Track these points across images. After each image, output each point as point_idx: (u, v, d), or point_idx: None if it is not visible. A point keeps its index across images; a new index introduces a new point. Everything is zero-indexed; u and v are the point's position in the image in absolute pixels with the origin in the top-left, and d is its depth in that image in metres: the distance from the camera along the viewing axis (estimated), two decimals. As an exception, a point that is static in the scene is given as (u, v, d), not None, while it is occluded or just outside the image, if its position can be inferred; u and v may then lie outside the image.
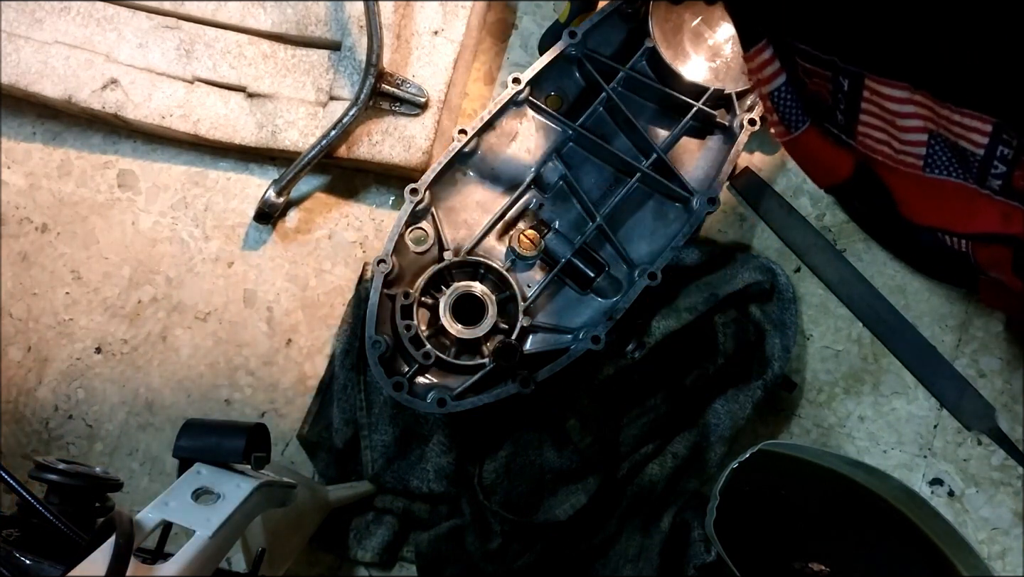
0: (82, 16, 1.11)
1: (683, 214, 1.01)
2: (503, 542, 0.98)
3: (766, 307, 1.04)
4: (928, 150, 0.73)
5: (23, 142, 1.17)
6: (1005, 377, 1.05)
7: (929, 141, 0.72)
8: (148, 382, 1.10)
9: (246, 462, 0.67)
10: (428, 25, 1.09)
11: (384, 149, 1.07)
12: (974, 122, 0.66)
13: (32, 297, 1.13)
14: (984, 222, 0.74)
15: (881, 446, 1.05)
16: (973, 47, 0.60)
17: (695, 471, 1.01)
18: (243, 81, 1.09)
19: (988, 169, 0.69)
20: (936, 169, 0.74)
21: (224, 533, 0.59)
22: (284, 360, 1.10)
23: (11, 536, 0.66)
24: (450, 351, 0.96)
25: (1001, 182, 0.69)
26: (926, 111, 0.69)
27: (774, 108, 0.84)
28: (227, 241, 1.13)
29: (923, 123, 0.71)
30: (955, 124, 0.67)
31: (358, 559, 1.02)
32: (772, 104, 0.84)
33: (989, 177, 0.70)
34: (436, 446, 1.01)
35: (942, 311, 1.07)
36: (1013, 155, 0.66)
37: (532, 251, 0.99)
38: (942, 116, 0.68)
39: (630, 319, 0.97)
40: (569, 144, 1.03)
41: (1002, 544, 1.02)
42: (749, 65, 0.82)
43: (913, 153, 0.74)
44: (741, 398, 1.00)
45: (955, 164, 0.72)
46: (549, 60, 1.00)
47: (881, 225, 1.06)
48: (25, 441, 1.10)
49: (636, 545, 0.98)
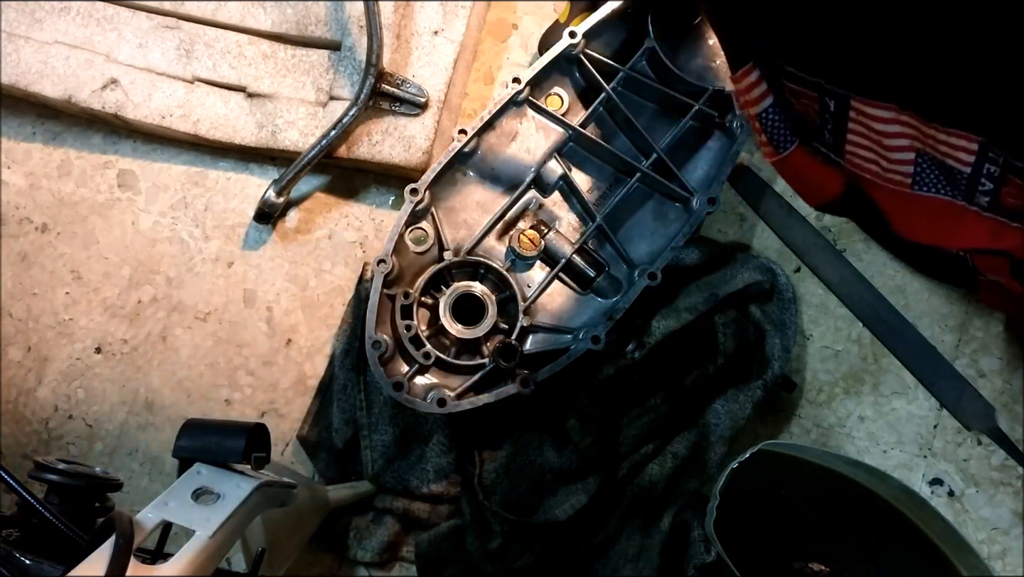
0: (82, 16, 1.11)
1: (683, 214, 1.01)
2: (503, 542, 0.98)
3: (766, 307, 1.04)
4: (916, 168, 0.73)
5: (23, 142, 1.17)
6: (1005, 377, 1.05)
7: (916, 160, 0.72)
8: (148, 382, 1.10)
9: (246, 462, 0.67)
10: (428, 25, 1.09)
11: (384, 149, 1.07)
12: (960, 141, 0.66)
13: (32, 297, 1.13)
14: (973, 238, 0.74)
15: (881, 446, 1.05)
16: (958, 68, 0.60)
17: (695, 471, 1.01)
18: (243, 81, 1.09)
19: (975, 186, 0.69)
20: (924, 187, 0.74)
21: (224, 533, 0.59)
22: (284, 360, 1.10)
23: (11, 536, 0.66)
24: (450, 351, 0.96)
25: (989, 199, 0.70)
26: (913, 131, 0.69)
27: (762, 129, 0.85)
28: (227, 241, 1.13)
29: (910, 142, 0.71)
30: (941, 143, 0.68)
31: (358, 559, 1.02)
32: (760, 125, 0.84)
33: (977, 194, 0.70)
34: (436, 446, 1.01)
35: (942, 311, 1.07)
36: (999, 172, 0.66)
37: (532, 251, 0.99)
38: (928, 135, 0.68)
39: (630, 319, 0.97)
40: (569, 144, 1.03)
41: (1002, 544, 1.02)
42: (736, 87, 0.82)
43: (901, 172, 0.75)
44: (741, 398, 1.00)
45: (943, 182, 0.73)
46: (549, 60, 1.00)
47: (879, 228, 1.06)
48: (25, 441, 1.10)
49: (636, 545, 0.98)
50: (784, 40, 0.73)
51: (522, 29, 1.18)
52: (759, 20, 0.73)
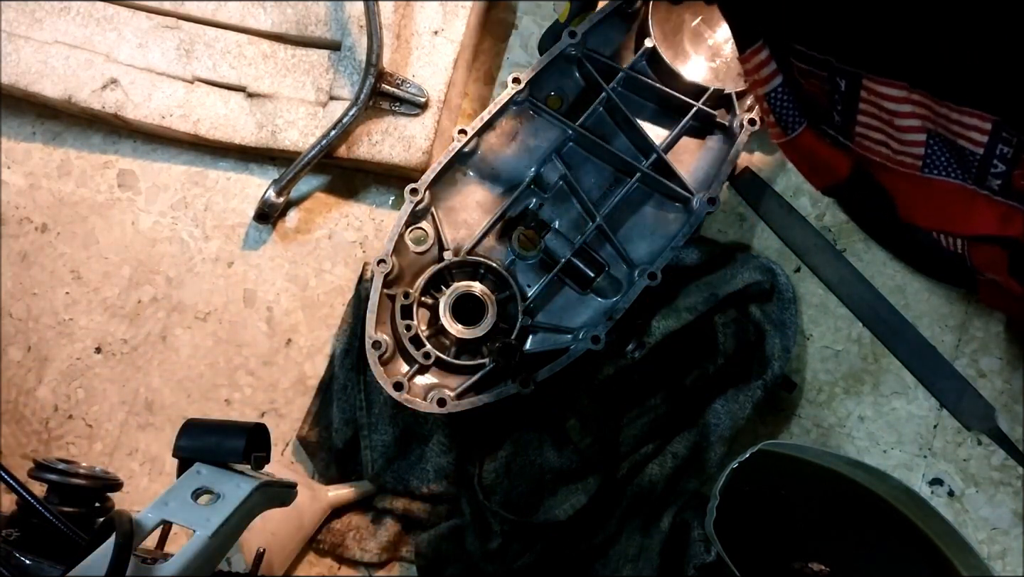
0: (82, 16, 1.11)
1: (683, 214, 1.01)
2: (503, 542, 0.98)
3: (766, 307, 1.04)
4: (927, 150, 0.72)
5: (23, 142, 1.17)
6: (1005, 377, 1.05)
7: (928, 141, 0.72)
8: (148, 382, 1.10)
9: (246, 462, 0.67)
10: (428, 25, 1.09)
11: (384, 149, 1.07)
12: (973, 120, 0.65)
13: (32, 297, 1.13)
14: (982, 224, 0.74)
15: (881, 446, 1.05)
16: (973, 45, 0.59)
17: (695, 471, 1.01)
18: (243, 81, 1.09)
19: (988, 168, 0.68)
20: (935, 169, 0.74)
21: (224, 533, 0.59)
22: (284, 360, 1.10)
23: (11, 536, 0.66)
24: (450, 351, 0.96)
25: (1001, 182, 0.69)
26: (924, 110, 0.69)
27: (771, 109, 0.84)
28: (227, 241, 1.13)
29: (921, 122, 0.70)
30: (954, 123, 0.67)
31: (358, 559, 1.02)
32: (768, 105, 0.84)
33: (989, 176, 0.69)
34: (436, 446, 1.01)
35: (942, 311, 1.07)
36: (1013, 154, 0.65)
37: (532, 251, 0.99)
38: (940, 115, 0.67)
39: (630, 319, 0.97)
40: (569, 144, 1.03)
41: (1002, 544, 1.02)
42: (745, 66, 0.82)
43: (911, 153, 0.74)
44: (741, 398, 1.00)
45: (954, 164, 0.72)
46: (549, 60, 1.00)
47: (881, 225, 1.06)
48: (25, 441, 1.10)
49: (636, 545, 0.98)
50: (794, 18, 0.72)
51: (522, 29, 1.18)
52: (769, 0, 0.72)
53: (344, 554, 1.03)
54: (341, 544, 1.02)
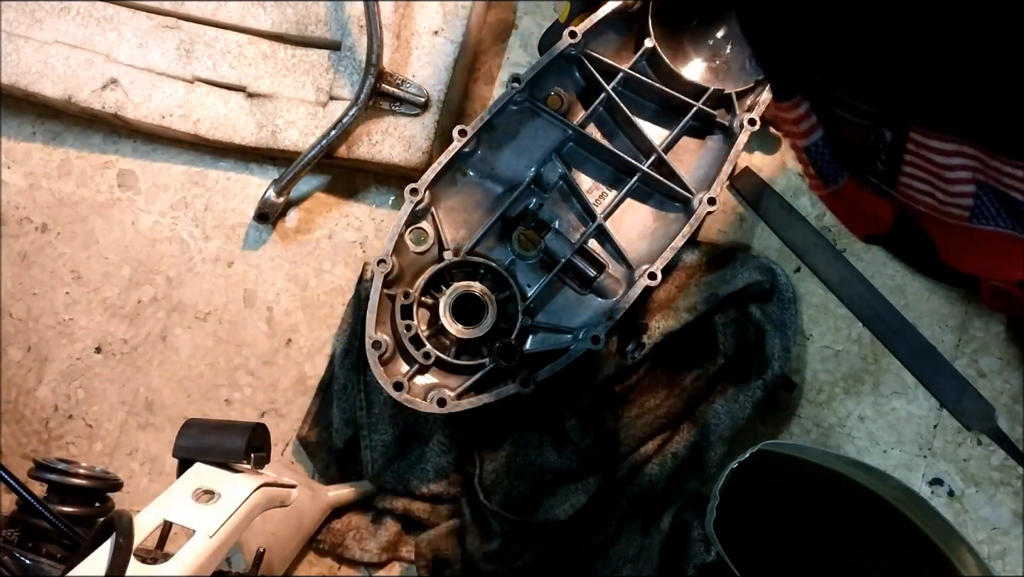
0: (82, 16, 1.10)
1: (683, 214, 1.01)
2: (503, 542, 0.98)
3: (766, 307, 1.04)
4: (976, 201, 0.70)
5: (23, 142, 1.17)
6: (1005, 377, 1.05)
7: (977, 192, 0.69)
8: (148, 382, 1.10)
9: (246, 462, 0.67)
10: (428, 25, 1.09)
11: (384, 149, 1.07)
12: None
13: (32, 297, 1.13)
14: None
15: (881, 446, 1.05)
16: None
17: (695, 471, 1.01)
18: (243, 81, 1.09)
19: None
20: (983, 220, 0.71)
21: (224, 533, 0.59)
22: (284, 360, 1.10)
23: (11, 536, 0.66)
24: (450, 351, 0.96)
25: None
26: (976, 163, 0.67)
27: (811, 162, 0.81)
28: (227, 241, 1.13)
29: (972, 174, 0.68)
30: (1007, 176, 0.65)
31: (358, 559, 1.02)
32: (808, 158, 0.80)
33: None
34: (436, 446, 1.01)
35: (942, 311, 1.07)
36: None
37: (532, 251, 0.99)
38: (992, 167, 0.66)
39: (630, 319, 0.97)
40: (569, 144, 1.03)
41: (1002, 544, 1.02)
42: (783, 116, 0.78)
43: (960, 204, 0.72)
44: (741, 398, 1.00)
45: (1003, 215, 0.70)
46: (549, 60, 1.00)
47: (920, 265, 1.03)
48: (25, 441, 1.10)
49: (636, 545, 0.98)
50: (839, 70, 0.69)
51: (522, 29, 1.18)
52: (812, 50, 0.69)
53: (344, 554, 1.03)
54: (341, 544, 1.02)
